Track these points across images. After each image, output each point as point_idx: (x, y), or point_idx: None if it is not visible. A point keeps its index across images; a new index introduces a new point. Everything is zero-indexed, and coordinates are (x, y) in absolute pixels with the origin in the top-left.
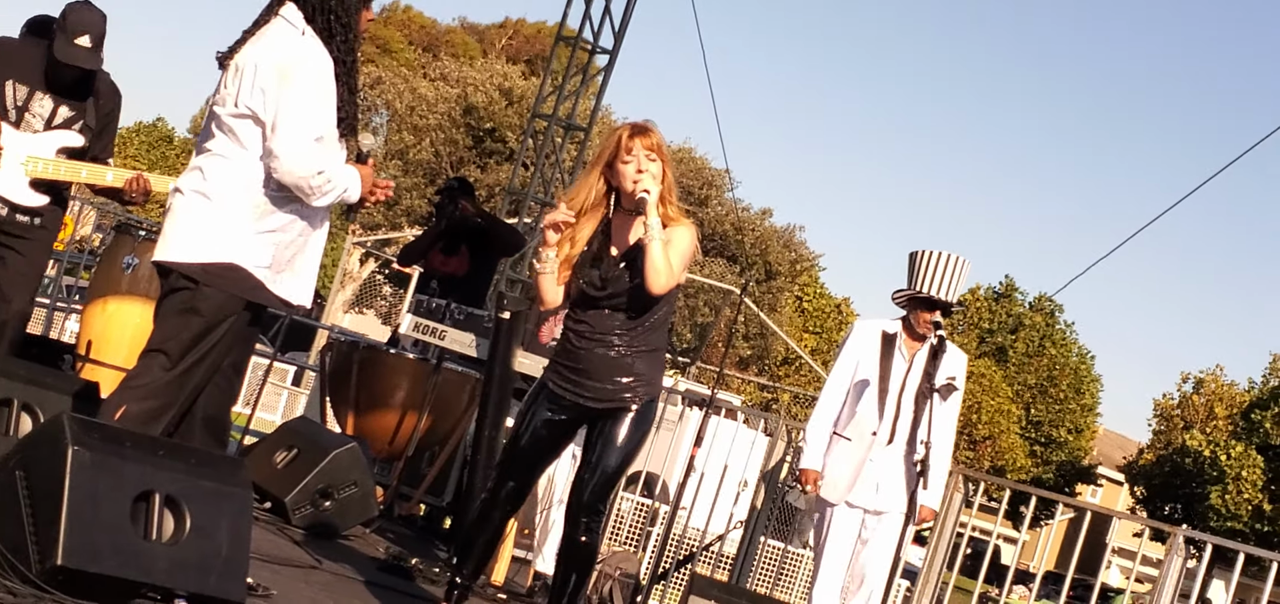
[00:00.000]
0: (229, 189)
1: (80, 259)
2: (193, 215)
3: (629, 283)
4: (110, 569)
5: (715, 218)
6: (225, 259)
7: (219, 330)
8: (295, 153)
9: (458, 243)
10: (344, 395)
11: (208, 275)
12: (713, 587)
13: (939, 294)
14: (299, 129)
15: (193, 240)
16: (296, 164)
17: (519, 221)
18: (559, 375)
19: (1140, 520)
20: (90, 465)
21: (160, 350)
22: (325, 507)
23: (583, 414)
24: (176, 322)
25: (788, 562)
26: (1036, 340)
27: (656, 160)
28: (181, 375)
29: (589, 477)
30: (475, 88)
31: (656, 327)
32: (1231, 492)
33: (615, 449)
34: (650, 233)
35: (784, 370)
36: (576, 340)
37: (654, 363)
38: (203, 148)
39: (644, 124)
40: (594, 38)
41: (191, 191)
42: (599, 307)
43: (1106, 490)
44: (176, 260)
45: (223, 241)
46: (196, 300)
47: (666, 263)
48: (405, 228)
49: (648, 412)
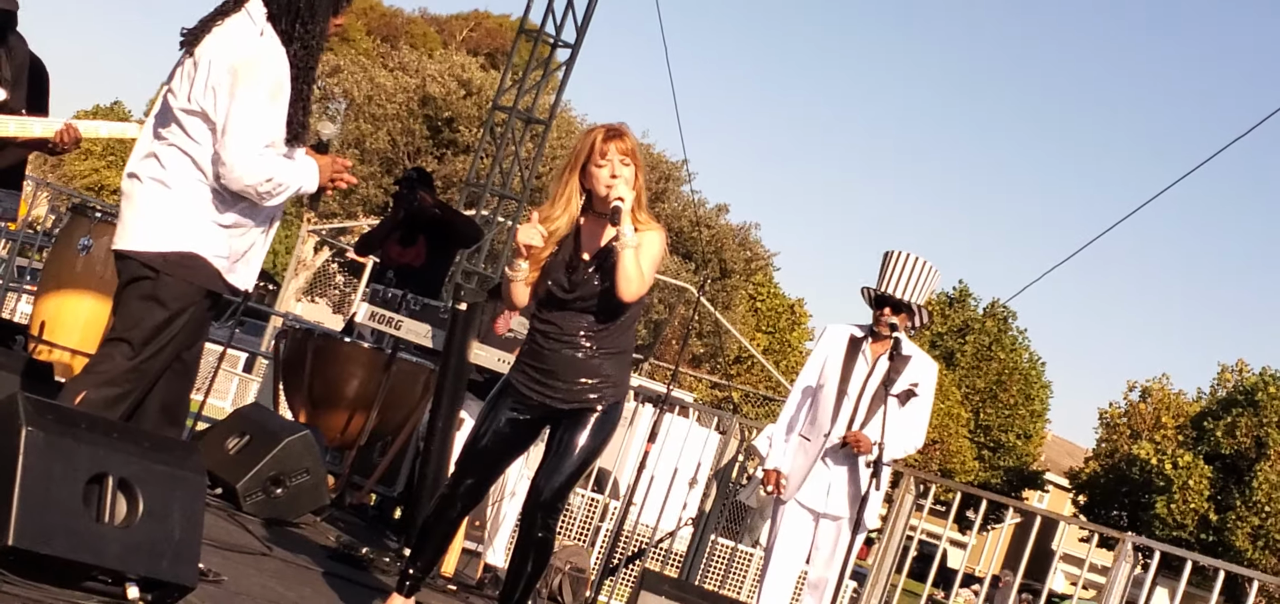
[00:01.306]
0: (188, 180)
1: (34, 239)
2: (153, 204)
3: (598, 286)
4: (61, 551)
5: (671, 213)
6: (186, 248)
7: (180, 320)
8: (243, 161)
9: (415, 233)
10: (297, 383)
11: (168, 265)
12: (664, 582)
13: (899, 294)
14: (248, 137)
15: (153, 229)
16: (245, 173)
17: (476, 214)
18: (525, 375)
19: (1089, 526)
20: (43, 446)
21: (123, 339)
22: (277, 494)
23: (548, 414)
24: (138, 310)
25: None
26: (986, 345)
27: (630, 165)
28: (142, 364)
29: (549, 477)
30: (434, 79)
31: (624, 328)
32: (1177, 500)
33: (577, 451)
34: (625, 241)
35: (736, 369)
36: (543, 341)
37: (621, 364)
38: (160, 134)
39: (618, 127)
40: (556, 31)
41: (150, 180)
42: (567, 308)
43: (1053, 496)
44: (137, 249)
45: (183, 231)
46: (158, 290)
47: (639, 271)
48: (361, 217)
49: (612, 413)
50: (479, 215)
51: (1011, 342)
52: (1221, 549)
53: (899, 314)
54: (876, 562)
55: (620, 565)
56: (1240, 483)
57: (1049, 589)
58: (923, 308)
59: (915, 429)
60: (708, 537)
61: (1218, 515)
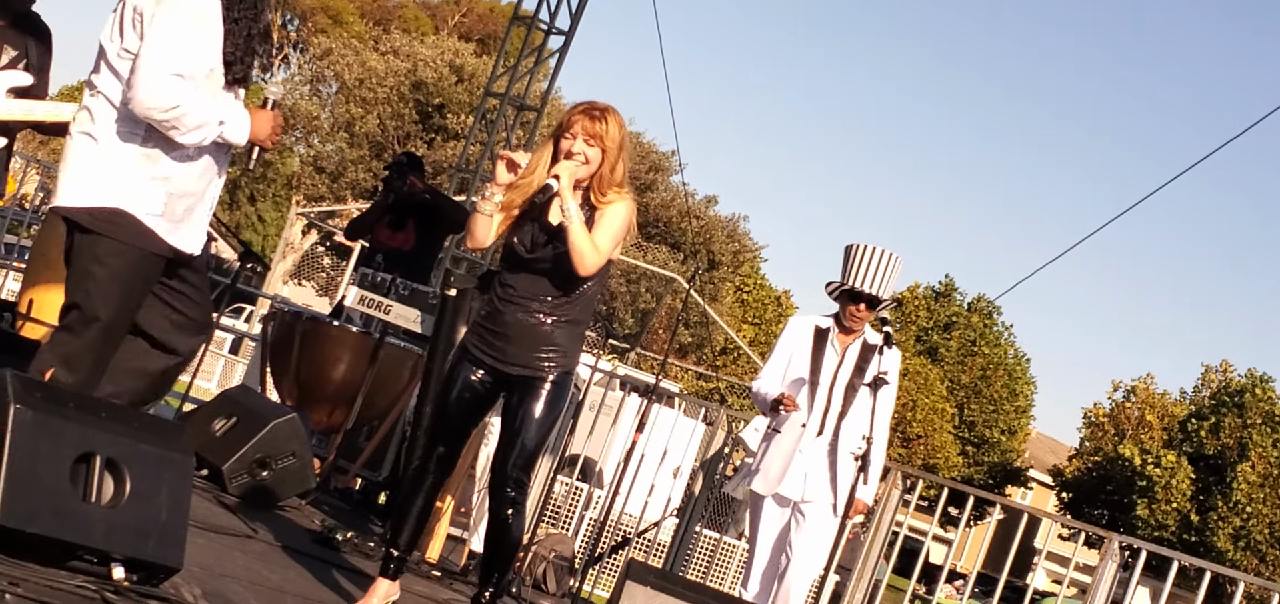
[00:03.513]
0: (115, 130)
1: (23, 217)
2: (80, 159)
3: (553, 254)
4: (47, 530)
5: (661, 203)
6: (111, 203)
7: (124, 278)
8: (148, 85)
9: (405, 218)
10: (285, 366)
11: (94, 220)
12: (649, 573)
13: (869, 288)
14: (157, 62)
15: (79, 185)
16: (147, 97)
17: (466, 199)
18: (480, 338)
19: (1074, 525)
20: (31, 425)
21: (73, 306)
22: (262, 476)
23: (500, 379)
24: (80, 273)
25: (721, 551)
26: (971, 340)
27: (595, 145)
28: (102, 330)
29: (508, 451)
30: (425, 63)
31: (581, 301)
32: (1160, 501)
33: (534, 423)
34: (568, 215)
35: (722, 360)
36: (500, 303)
37: (574, 336)
38: (92, 84)
39: (598, 107)
40: (550, 19)
41: (79, 133)
42: (528, 270)
43: (1037, 493)
44: (65, 205)
45: (108, 185)
46: (95, 247)
47: (592, 245)
48: (350, 201)
49: (563, 384)
50: (469, 201)
51: (996, 337)
52: (1203, 549)
53: (872, 309)
54: (861, 557)
55: (605, 554)
56: (1222, 483)
57: (1033, 588)
58: (888, 299)
59: (882, 416)
60: (693, 528)
61: (1199, 516)
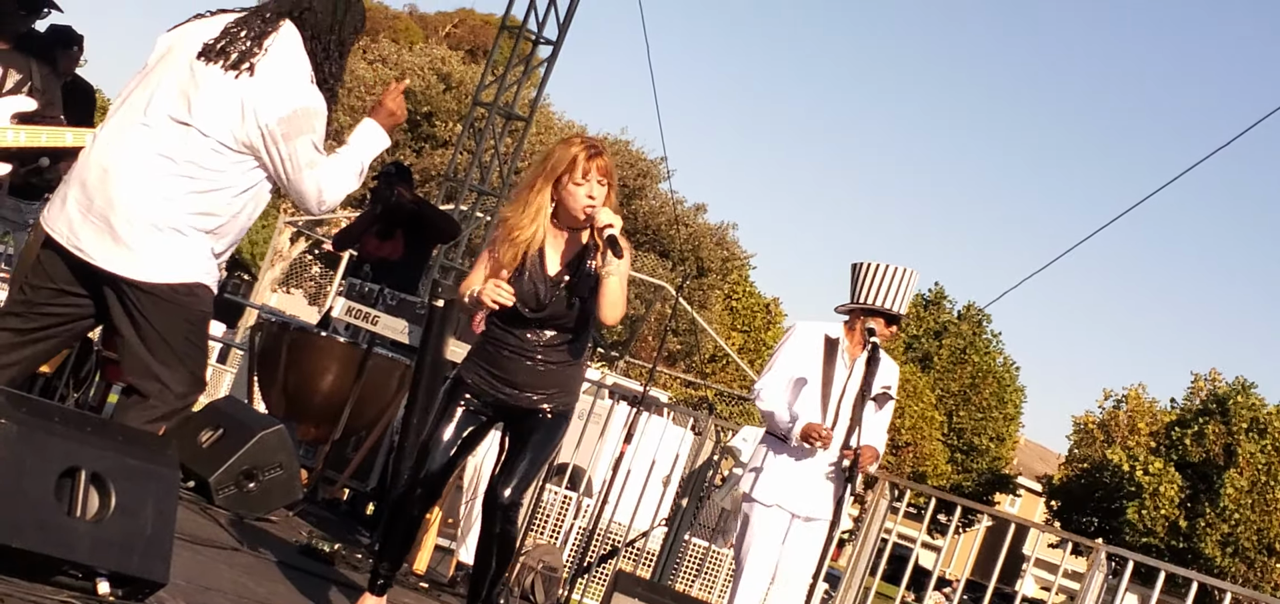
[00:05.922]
0: (198, 217)
1: None
2: (164, 237)
3: (569, 303)
4: (32, 545)
5: (649, 211)
6: (197, 279)
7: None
8: (330, 192)
9: (393, 228)
10: (272, 376)
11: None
12: (637, 584)
13: (891, 306)
14: (325, 173)
15: (167, 262)
16: (332, 199)
17: (454, 209)
18: (479, 374)
19: (1062, 533)
20: (16, 439)
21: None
22: (249, 488)
23: (502, 411)
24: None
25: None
26: (960, 348)
27: (606, 185)
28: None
29: (507, 478)
30: (413, 72)
31: (584, 337)
32: (1148, 507)
33: (534, 452)
34: (612, 268)
35: (711, 368)
36: (503, 351)
37: (576, 373)
38: (169, 154)
39: (598, 144)
40: (538, 28)
41: (160, 200)
42: (533, 325)
43: (1026, 501)
44: (161, 282)
45: (193, 262)
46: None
47: (624, 297)
48: (337, 210)
49: (567, 415)
50: (457, 210)
51: (986, 345)
52: (1191, 556)
53: (891, 325)
54: (850, 564)
55: (593, 564)
56: (1210, 490)
57: (1022, 595)
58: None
59: (884, 431)
60: (681, 537)
61: (1187, 522)
